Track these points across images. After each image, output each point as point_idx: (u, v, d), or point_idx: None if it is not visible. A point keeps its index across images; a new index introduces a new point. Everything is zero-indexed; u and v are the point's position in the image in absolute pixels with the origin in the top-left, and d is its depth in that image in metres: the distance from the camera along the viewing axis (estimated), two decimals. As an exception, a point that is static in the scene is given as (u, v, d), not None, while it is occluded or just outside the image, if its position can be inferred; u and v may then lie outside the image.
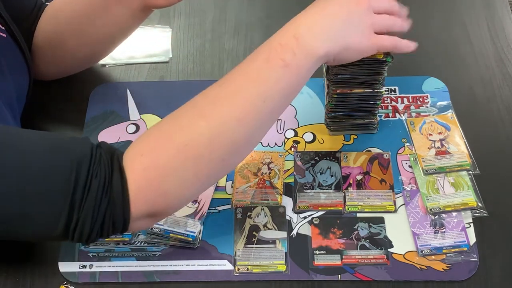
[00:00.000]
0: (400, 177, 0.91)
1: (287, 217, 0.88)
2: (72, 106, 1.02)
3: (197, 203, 0.88)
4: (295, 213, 0.88)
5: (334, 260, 0.83)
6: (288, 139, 0.96)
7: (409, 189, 0.89)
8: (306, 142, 0.95)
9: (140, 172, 0.68)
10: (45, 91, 1.03)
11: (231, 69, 1.05)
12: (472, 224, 0.85)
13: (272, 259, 0.84)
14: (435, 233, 0.85)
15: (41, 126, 0.99)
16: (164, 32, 1.10)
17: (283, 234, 0.86)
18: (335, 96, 0.89)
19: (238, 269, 0.83)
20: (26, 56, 0.90)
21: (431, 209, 0.86)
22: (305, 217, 0.88)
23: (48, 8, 0.95)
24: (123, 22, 0.93)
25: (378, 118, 0.95)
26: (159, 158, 0.69)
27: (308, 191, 0.90)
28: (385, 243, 0.84)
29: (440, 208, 0.86)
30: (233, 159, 0.75)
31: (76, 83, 1.04)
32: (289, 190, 0.90)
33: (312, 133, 0.96)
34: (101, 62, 1.06)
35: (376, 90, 0.88)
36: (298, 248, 0.85)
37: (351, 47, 0.77)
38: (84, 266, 0.84)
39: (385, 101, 0.98)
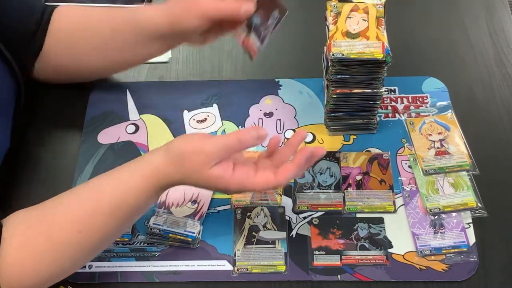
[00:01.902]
0: (399, 178, 0.90)
1: (287, 218, 0.87)
2: (71, 106, 1.02)
3: (196, 204, 0.88)
4: (295, 213, 0.88)
5: (333, 261, 0.83)
6: (287, 139, 0.96)
7: (408, 189, 0.89)
8: (305, 142, 0.95)
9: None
10: (45, 91, 1.03)
11: (230, 70, 1.06)
12: (471, 225, 0.85)
13: (271, 260, 0.84)
14: (434, 233, 0.85)
15: (40, 126, 0.99)
16: (164, 32, 1.10)
17: (283, 235, 0.86)
18: (335, 96, 0.89)
19: (238, 270, 0.83)
20: (11, 62, 0.88)
21: (430, 210, 0.86)
22: (304, 218, 0.88)
23: (67, 15, 0.93)
24: (148, 53, 0.93)
25: (378, 118, 0.95)
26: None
27: (308, 191, 0.90)
28: (384, 244, 0.84)
29: (439, 208, 0.86)
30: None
31: (75, 83, 1.04)
32: (288, 190, 0.90)
33: (312, 133, 0.96)
34: (101, 62, 1.07)
35: (375, 90, 0.88)
36: (298, 249, 0.85)
37: None
38: (84, 266, 0.84)
39: (385, 101, 0.98)
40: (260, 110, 0.99)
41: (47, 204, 0.75)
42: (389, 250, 0.84)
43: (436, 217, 0.86)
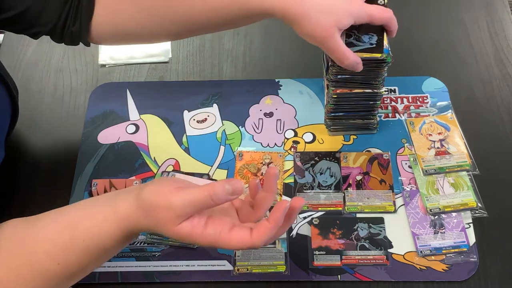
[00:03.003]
0: (399, 178, 0.90)
1: (287, 218, 0.87)
2: (71, 106, 1.02)
3: (196, 204, 0.88)
4: (295, 213, 0.88)
5: (333, 261, 0.83)
6: (287, 139, 0.96)
7: (408, 189, 0.89)
8: (305, 142, 0.95)
9: None
10: (45, 91, 1.03)
11: (230, 70, 1.05)
12: (471, 225, 0.85)
13: (271, 260, 0.84)
14: (434, 233, 0.85)
15: (40, 126, 0.99)
16: (164, 32, 1.10)
17: (283, 235, 0.86)
18: (335, 96, 0.89)
19: (238, 270, 0.83)
20: (6, 80, 0.87)
21: (430, 210, 0.86)
22: (304, 218, 0.88)
23: None
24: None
25: (378, 118, 0.95)
26: None
27: (308, 191, 0.90)
28: (384, 244, 0.84)
29: (439, 208, 0.86)
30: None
31: (75, 83, 1.04)
32: (288, 190, 0.90)
33: (312, 133, 0.96)
34: (101, 62, 1.07)
35: (376, 90, 0.88)
36: (298, 249, 0.85)
37: None
38: (84, 267, 0.84)
39: (385, 101, 0.98)
40: (260, 110, 0.99)
41: (35, 227, 0.73)
42: (389, 250, 0.84)
43: (436, 217, 0.86)
